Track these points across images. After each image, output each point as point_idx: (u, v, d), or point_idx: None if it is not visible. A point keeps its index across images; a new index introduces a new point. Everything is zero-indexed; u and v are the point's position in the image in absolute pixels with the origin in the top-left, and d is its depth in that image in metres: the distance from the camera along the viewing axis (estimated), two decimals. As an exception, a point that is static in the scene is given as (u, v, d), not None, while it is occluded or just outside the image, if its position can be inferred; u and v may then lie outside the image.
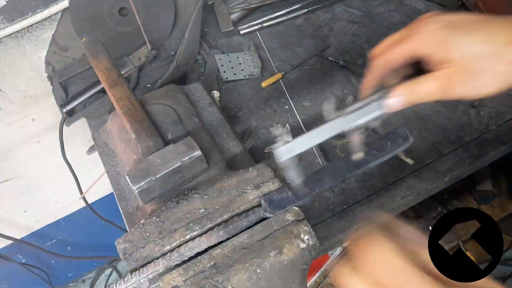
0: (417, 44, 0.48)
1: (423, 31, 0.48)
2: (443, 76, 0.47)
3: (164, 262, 0.62)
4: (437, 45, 0.47)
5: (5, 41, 1.01)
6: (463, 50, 0.46)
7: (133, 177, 0.65)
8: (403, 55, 0.49)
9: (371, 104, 0.52)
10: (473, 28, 0.46)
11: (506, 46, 0.45)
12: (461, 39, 0.46)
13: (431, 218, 1.40)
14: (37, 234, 1.65)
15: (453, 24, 0.47)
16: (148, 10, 1.04)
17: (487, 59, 0.46)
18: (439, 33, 0.47)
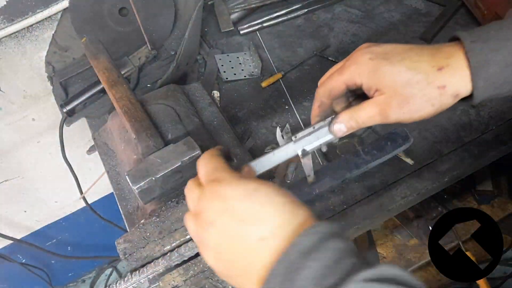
0: (351, 75, 0.52)
1: (356, 62, 0.52)
2: (378, 103, 0.51)
3: (164, 262, 0.62)
4: (369, 74, 0.51)
5: (5, 41, 1.01)
6: (393, 78, 0.49)
7: (133, 177, 0.65)
8: (340, 85, 0.54)
9: (320, 131, 0.56)
10: (402, 56, 0.50)
11: (435, 71, 0.48)
12: (391, 69, 0.49)
13: (431, 218, 1.40)
14: (37, 234, 1.65)
15: (383, 54, 0.50)
16: (148, 10, 1.04)
17: (417, 85, 0.49)
18: (370, 64, 0.50)
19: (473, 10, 1.06)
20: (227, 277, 0.45)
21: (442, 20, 1.07)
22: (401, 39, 1.07)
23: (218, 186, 0.45)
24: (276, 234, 0.41)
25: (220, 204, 0.44)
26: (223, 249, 0.44)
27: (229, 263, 0.44)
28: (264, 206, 0.42)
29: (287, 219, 0.42)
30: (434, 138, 0.89)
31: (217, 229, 0.44)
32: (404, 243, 1.55)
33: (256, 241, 0.41)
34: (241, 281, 0.43)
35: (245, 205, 0.43)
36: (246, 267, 0.42)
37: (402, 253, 1.53)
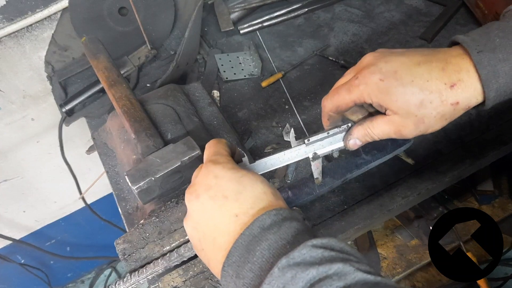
0: (360, 94, 0.52)
1: (365, 82, 0.51)
2: (394, 122, 0.51)
3: (163, 263, 0.61)
4: (379, 96, 0.50)
5: (5, 41, 1.01)
6: (407, 100, 0.49)
7: (133, 177, 0.65)
8: (348, 103, 0.54)
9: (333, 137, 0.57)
10: (412, 75, 0.49)
11: (448, 89, 0.48)
12: (403, 90, 0.49)
13: (432, 218, 1.40)
14: (36, 234, 1.65)
15: (393, 73, 0.49)
16: (148, 9, 1.04)
17: (431, 105, 0.49)
18: (381, 85, 0.50)
19: (474, 10, 1.06)
20: (199, 249, 0.49)
21: (442, 20, 1.07)
22: (401, 39, 1.07)
23: (212, 166, 0.50)
24: (248, 213, 0.45)
25: (210, 181, 0.49)
26: (201, 221, 0.48)
27: (203, 234, 0.48)
28: (246, 189, 0.47)
29: (260, 202, 0.46)
30: (434, 138, 0.89)
31: (201, 201, 0.48)
32: (405, 244, 1.55)
33: (230, 217, 0.46)
34: (210, 252, 0.47)
35: (230, 185, 0.47)
36: (216, 239, 0.46)
37: (403, 254, 1.53)
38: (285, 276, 0.38)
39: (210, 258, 0.48)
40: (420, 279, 1.56)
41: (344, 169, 0.71)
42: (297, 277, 0.38)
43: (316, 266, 0.38)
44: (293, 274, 0.38)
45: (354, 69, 0.55)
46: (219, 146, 0.53)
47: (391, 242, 1.57)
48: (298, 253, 0.39)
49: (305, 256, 0.39)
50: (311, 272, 0.37)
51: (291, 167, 0.87)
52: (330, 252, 0.39)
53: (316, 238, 0.40)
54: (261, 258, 0.42)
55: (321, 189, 0.71)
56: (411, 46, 1.05)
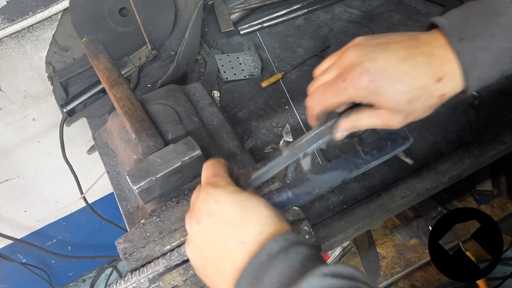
0: (349, 97, 0.51)
1: (354, 85, 0.50)
2: (382, 116, 0.51)
3: (164, 262, 0.62)
4: (368, 96, 0.50)
5: (6, 41, 1.01)
6: (396, 99, 0.49)
7: (134, 177, 0.66)
8: (337, 105, 0.53)
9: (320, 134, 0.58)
10: (400, 73, 0.49)
11: (435, 83, 0.48)
12: (393, 90, 0.49)
13: (431, 218, 1.40)
14: (37, 234, 1.65)
15: (381, 73, 0.49)
16: (148, 10, 1.04)
17: (419, 99, 0.49)
18: (370, 86, 0.49)
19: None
20: (203, 274, 0.48)
21: (442, 20, 1.07)
22: (401, 39, 1.07)
23: (212, 189, 0.49)
24: (255, 240, 0.44)
25: (211, 205, 0.48)
26: (204, 246, 0.47)
27: (207, 260, 0.47)
28: (250, 214, 0.46)
29: (266, 227, 0.45)
30: (434, 138, 0.89)
31: (203, 227, 0.47)
32: (404, 243, 1.56)
33: (237, 244, 0.45)
34: (216, 279, 0.47)
35: (233, 211, 0.46)
36: (222, 267, 0.45)
37: (402, 253, 1.54)
38: None
39: (215, 284, 0.47)
40: (419, 278, 1.56)
41: (343, 169, 0.71)
42: None
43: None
44: None
45: (336, 64, 0.55)
46: (217, 167, 0.53)
47: (390, 241, 1.57)
48: (307, 283, 0.38)
49: (314, 286, 0.38)
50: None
51: (291, 167, 0.87)
52: (339, 280, 0.38)
53: (324, 266, 0.39)
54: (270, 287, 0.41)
55: (321, 189, 0.72)
56: (411, 46, 1.05)
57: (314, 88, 0.57)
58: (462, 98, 0.96)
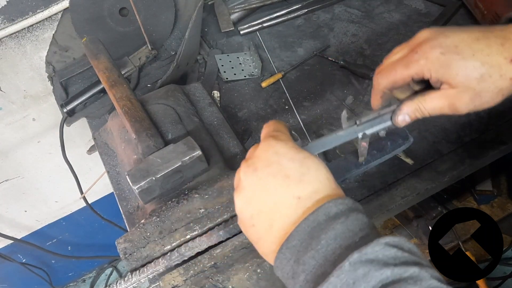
0: (419, 69, 0.51)
1: (426, 57, 0.50)
2: (449, 96, 0.50)
3: (164, 262, 0.62)
4: (440, 70, 0.49)
5: (6, 41, 1.01)
6: (467, 74, 0.49)
7: (134, 177, 0.66)
8: (406, 78, 0.52)
9: (382, 117, 0.57)
10: (473, 49, 0.49)
11: (508, 63, 0.48)
12: (464, 64, 0.48)
13: (431, 218, 1.40)
14: (37, 234, 1.65)
15: (454, 48, 0.49)
16: (148, 10, 1.04)
17: (490, 79, 0.49)
18: (442, 59, 0.49)
19: (473, 11, 1.06)
20: (249, 224, 0.47)
21: (441, 21, 1.08)
22: (401, 40, 1.07)
23: (274, 141, 0.48)
24: (312, 197, 0.44)
25: (271, 157, 0.47)
26: (257, 196, 0.46)
27: (257, 211, 0.46)
28: (309, 172, 0.45)
29: (324, 189, 0.45)
30: (434, 138, 0.89)
31: (259, 176, 0.46)
32: (404, 243, 1.55)
33: (292, 198, 0.44)
34: (263, 231, 0.46)
35: (293, 165, 0.46)
36: (273, 219, 0.45)
37: (402, 253, 1.53)
38: (356, 272, 0.37)
39: (261, 237, 0.46)
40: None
41: (343, 169, 0.71)
42: (370, 275, 0.37)
43: (391, 266, 0.37)
44: (365, 272, 0.37)
45: (407, 45, 0.54)
46: (279, 124, 0.52)
47: (391, 241, 1.57)
48: (371, 249, 0.38)
49: (378, 254, 0.38)
50: (385, 272, 0.36)
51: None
52: (403, 252, 0.38)
53: (388, 236, 0.39)
54: (326, 247, 0.40)
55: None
56: (411, 46, 1.05)
57: (383, 65, 0.56)
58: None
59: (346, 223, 0.41)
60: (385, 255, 0.38)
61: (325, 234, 0.41)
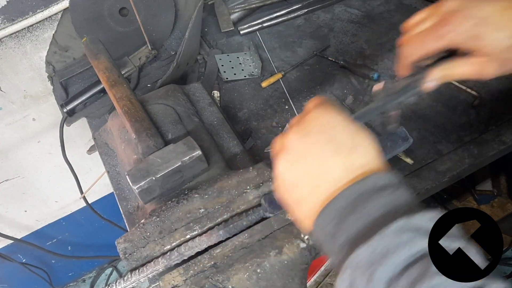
0: (451, 41, 0.52)
1: (460, 29, 0.51)
2: (478, 63, 0.52)
3: (164, 262, 0.62)
4: (471, 40, 0.51)
5: (6, 41, 1.01)
6: (496, 44, 0.50)
7: (134, 177, 0.66)
8: (438, 47, 0.53)
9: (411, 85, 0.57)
10: (503, 22, 0.50)
11: None
12: (494, 35, 0.50)
13: (431, 218, 1.40)
14: (37, 233, 1.65)
15: (484, 20, 0.50)
16: (148, 10, 1.04)
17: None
18: (474, 30, 0.50)
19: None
20: (291, 187, 0.48)
21: (442, 20, 1.07)
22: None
23: (327, 110, 0.48)
24: (361, 168, 0.45)
25: (323, 125, 0.47)
26: (304, 160, 0.47)
27: (303, 172, 0.47)
28: (361, 144, 0.46)
29: (374, 163, 0.45)
30: (434, 138, 0.89)
31: (310, 141, 0.47)
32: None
33: (341, 167, 0.45)
34: (306, 195, 0.46)
35: (345, 136, 0.46)
36: (319, 182, 0.45)
37: (402, 253, 1.53)
38: (400, 236, 0.37)
39: (303, 198, 0.47)
40: (420, 278, 1.56)
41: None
42: (414, 242, 0.37)
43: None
44: (410, 238, 0.37)
45: (435, 13, 0.54)
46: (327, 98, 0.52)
47: (391, 241, 1.57)
48: (419, 219, 0.38)
49: (424, 224, 0.38)
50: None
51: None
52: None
53: (436, 210, 0.40)
54: (371, 213, 0.41)
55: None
56: (411, 46, 1.05)
57: (411, 36, 0.56)
58: (462, 98, 0.97)
59: (393, 195, 0.42)
60: (430, 227, 0.38)
61: (371, 201, 0.41)
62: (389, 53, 1.05)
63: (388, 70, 1.02)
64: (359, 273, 0.38)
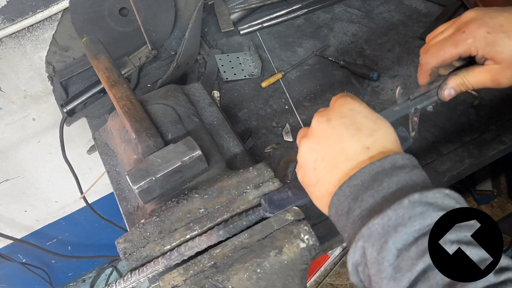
0: (467, 48, 0.54)
1: (473, 36, 0.54)
2: (493, 71, 0.54)
3: (164, 262, 0.62)
4: (486, 48, 0.53)
5: (6, 41, 1.01)
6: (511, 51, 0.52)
7: (134, 177, 0.66)
8: (454, 56, 0.56)
9: (430, 92, 0.61)
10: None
11: None
12: (509, 42, 0.52)
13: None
14: (37, 233, 1.65)
15: (500, 27, 0.53)
16: (148, 10, 1.04)
17: None
18: (488, 38, 0.53)
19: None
20: (311, 168, 0.50)
21: (441, 20, 1.07)
22: (401, 39, 1.07)
23: (350, 99, 0.51)
24: (379, 150, 0.47)
25: (346, 112, 0.50)
26: (326, 142, 0.49)
27: (323, 155, 0.49)
28: (380, 130, 0.48)
29: (392, 147, 0.48)
30: (434, 138, 0.89)
31: (332, 125, 0.49)
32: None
33: (361, 148, 0.47)
34: (324, 173, 0.49)
35: (366, 121, 0.49)
36: (338, 162, 0.48)
37: (402, 253, 1.53)
38: (414, 209, 0.39)
39: (320, 179, 0.49)
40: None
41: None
42: (427, 214, 0.39)
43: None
44: (423, 210, 0.39)
45: (453, 24, 0.57)
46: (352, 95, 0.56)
47: (391, 241, 1.57)
48: (432, 194, 0.40)
49: (438, 200, 0.40)
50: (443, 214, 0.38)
51: (291, 167, 0.87)
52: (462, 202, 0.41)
53: (449, 189, 0.42)
54: (387, 189, 0.42)
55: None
56: (411, 46, 1.05)
57: (430, 44, 0.59)
58: (462, 98, 0.97)
59: (410, 174, 0.43)
60: (444, 203, 0.40)
61: (388, 178, 0.43)
62: (389, 53, 1.05)
63: (388, 70, 1.02)
64: (372, 243, 0.40)
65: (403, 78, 0.99)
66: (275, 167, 0.89)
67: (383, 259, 0.38)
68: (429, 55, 0.58)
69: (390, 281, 0.38)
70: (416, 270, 0.37)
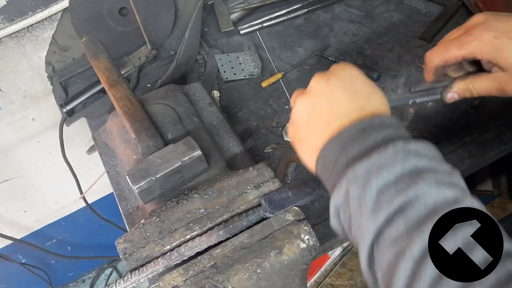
0: (472, 51, 0.55)
1: (479, 39, 0.54)
2: (498, 79, 0.54)
3: (164, 262, 0.62)
4: (491, 52, 0.53)
5: (5, 41, 1.01)
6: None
7: (133, 177, 0.65)
8: (458, 58, 0.56)
9: (434, 90, 0.62)
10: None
11: None
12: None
13: (431, 218, 1.40)
14: (37, 234, 1.65)
15: (507, 33, 0.52)
16: (148, 10, 1.04)
17: None
18: (495, 42, 0.53)
19: (473, 10, 1.06)
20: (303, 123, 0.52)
21: (442, 20, 1.07)
22: (401, 39, 1.07)
23: (350, 66, 0.53)
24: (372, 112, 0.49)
25: (345, 76, 0.52)
26: (323, 100, 0.51)
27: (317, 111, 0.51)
28: (376, 96, 0.51)
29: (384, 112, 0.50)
30: (434, 138, 0.89)
31: (330, 85, 0.51)
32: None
33: (356, 107, 0.49)
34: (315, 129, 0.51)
35: (363, 86, 0.51)
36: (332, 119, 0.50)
37: (402, 253, 1.53)
38: (397, 155, 0.42)
39: (312, 132, 0.51)
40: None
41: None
42: (409, 160, 0.41)
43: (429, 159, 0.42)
44: (405, 156, 0.42)
45: (462, 27, 0.58)
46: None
47: (391, 241, 1.57)
48: (415, 145, 0.43)
49: (420, 149, 0.43)
50: (422, 160, 0.42)
51: (291, 167, 0.87)
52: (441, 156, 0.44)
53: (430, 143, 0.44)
54: (374, 141, 0.45)
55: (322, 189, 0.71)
56: (411, 46, 1.05)
57: (437, 44, 0.60)
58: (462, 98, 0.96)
59: (398, 131, 0.46)
60: (426, 153, 0.43)
61: (375, 132, 0.45)
62: (389, 53, 1.05)
63: (388, 70, 1.02)
64: (355, 183, 0.43)
65: (403, 78, 0.99)
66: (275, 167, 0.89)
67: (365, 195, 0.41)
68: (433, 54, 0.59)
69: (369, 214, 0.41)
70: (394, 206, 0.40)
